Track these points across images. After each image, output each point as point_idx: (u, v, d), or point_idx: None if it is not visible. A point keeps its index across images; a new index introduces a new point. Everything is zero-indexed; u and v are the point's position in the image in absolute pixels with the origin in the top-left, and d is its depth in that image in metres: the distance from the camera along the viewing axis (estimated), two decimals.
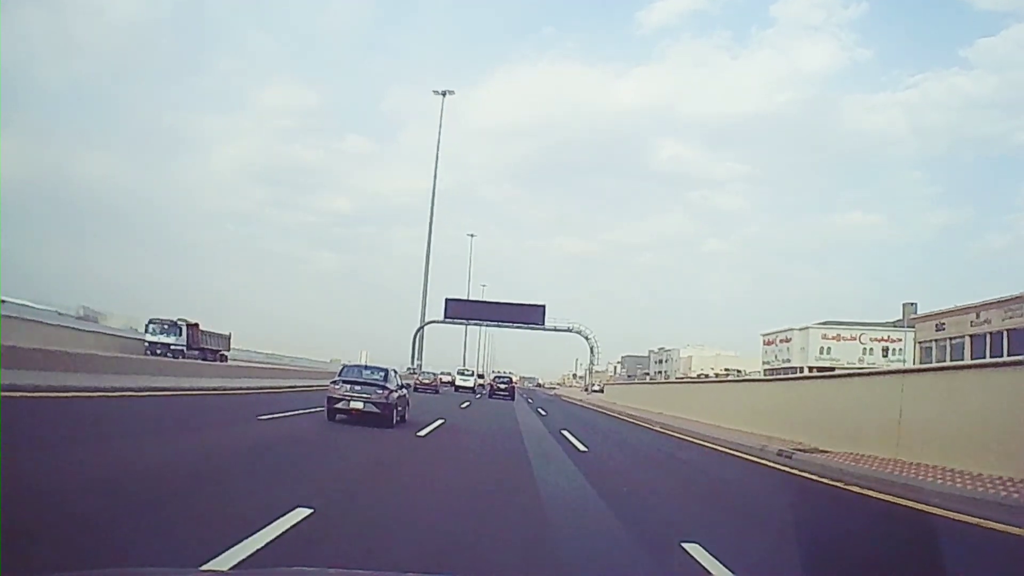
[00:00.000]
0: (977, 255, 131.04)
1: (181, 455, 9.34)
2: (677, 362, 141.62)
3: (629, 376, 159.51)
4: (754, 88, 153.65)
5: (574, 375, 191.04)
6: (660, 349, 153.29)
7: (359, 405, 16.12)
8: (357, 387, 16.31)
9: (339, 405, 16.26)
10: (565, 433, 19.49)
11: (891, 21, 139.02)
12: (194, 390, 21.10)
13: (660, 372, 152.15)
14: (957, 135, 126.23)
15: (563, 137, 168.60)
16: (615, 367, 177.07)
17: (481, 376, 76.68)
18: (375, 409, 16.11)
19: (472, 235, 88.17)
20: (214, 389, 22.63)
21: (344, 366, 18.36)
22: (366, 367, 17.99)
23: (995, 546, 7.32)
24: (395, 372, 18.34)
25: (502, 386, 45.89)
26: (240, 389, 24.71)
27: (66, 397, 14.49)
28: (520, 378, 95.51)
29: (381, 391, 16.32)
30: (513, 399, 43.88)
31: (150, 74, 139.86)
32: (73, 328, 39.40)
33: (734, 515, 9.01)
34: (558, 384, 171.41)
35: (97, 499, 6.17)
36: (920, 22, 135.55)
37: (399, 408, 17.32)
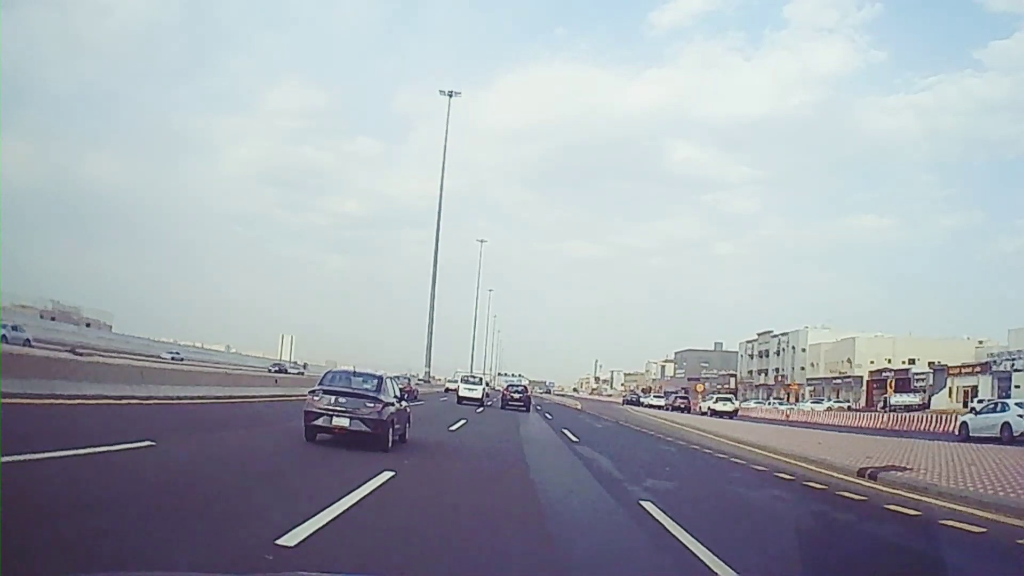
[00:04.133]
0: (988, 258, 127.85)
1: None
2: (814, 352, 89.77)
3: (690, 379, 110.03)
4: (767, 90, 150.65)
5: (596, 378, 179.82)
6: (764, 334, 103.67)
7: (344, 422, 12.57)
8: (342, 399, 12.74)
9: (319, 422, 12.72)
10: None
11: (904, 23, 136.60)
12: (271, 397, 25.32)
13: (764, 371, 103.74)
14: (970, 138, 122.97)
15: (574, 140, 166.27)
16: (660, 367, 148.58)
17: (487, 383, 64.70)
18: (364, 427, 12.57)
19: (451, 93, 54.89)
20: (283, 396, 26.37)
21: (327, 372, 14.66)
22: (355, 373, 14.38)
23: None
24: (392, 380, 14.75)
25: (516, 395, 43.08)
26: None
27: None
28: (529, 382, 78.12)
29: (372, 404, 12.74)
30: (528, 411, 40.48)
31: (158, 75, 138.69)
32: None
33: None
34: (575, 391, 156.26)
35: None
36: (933, 24, 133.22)
37: (396, 426, 13.75)
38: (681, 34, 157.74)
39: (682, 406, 60.89)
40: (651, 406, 69.28)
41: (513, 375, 67.43)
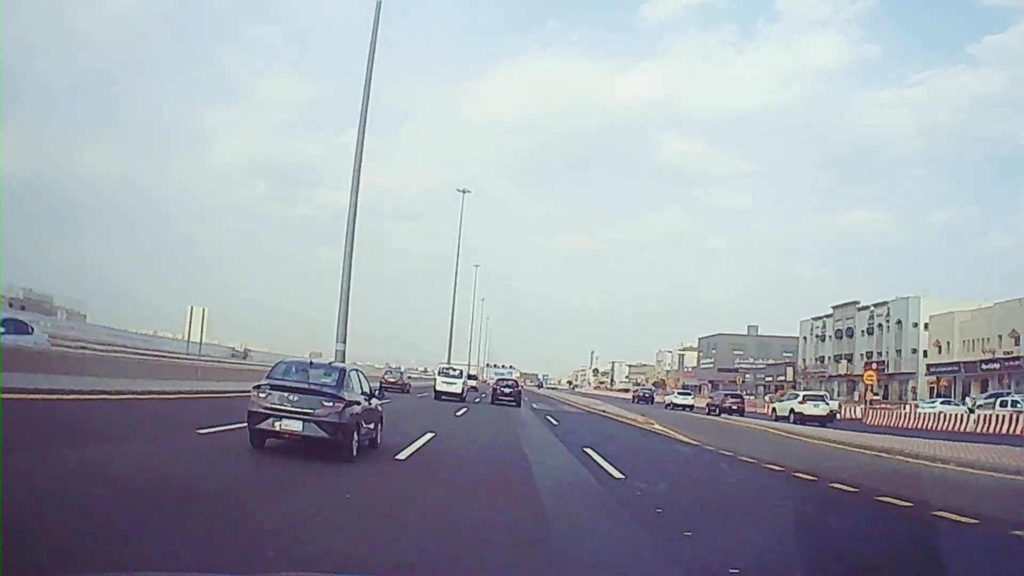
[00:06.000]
0: (982, 254, 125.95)
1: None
2: (941, 326, 62.98)
3: (721, 370, 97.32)
4: (759, 84, 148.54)
5: (595, 371, 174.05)
6: (846, 306, 76.26)
7: (295, 426, 10.12)
8: (293, 397, 10.25)
9: (264, 425, 10.26)
10: None
11: (898, 16, 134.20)
12: None
13: (845, 357, 74.68)
14: (963, 133, 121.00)
15: (566, 132, 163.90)
16: (678, 356, 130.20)
17: (473, 377, 59.20)
18: (321, 432, 10.14)
19: None
20: None
21: (279, 363, 12.02)
22: (312, 365, 11.85)
23: None
24: (359, 374, 12.21)
25: (506, 389, 41.57)
26: None
27: None
28: (521, 375, 69.24)
29: (331, 403, 10.26)
30: (519, 406, 38.39)
31: (149, 67, 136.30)
32: None
33: None
34: (571, 384, 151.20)
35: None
36: (927, 18, 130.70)
37: (363, 429, 11.26)
38: (673, 26, 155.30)
39: (734, 407, 45.12)
40: (675, 406, 52.12)
41: (504, 367, 64.49)
